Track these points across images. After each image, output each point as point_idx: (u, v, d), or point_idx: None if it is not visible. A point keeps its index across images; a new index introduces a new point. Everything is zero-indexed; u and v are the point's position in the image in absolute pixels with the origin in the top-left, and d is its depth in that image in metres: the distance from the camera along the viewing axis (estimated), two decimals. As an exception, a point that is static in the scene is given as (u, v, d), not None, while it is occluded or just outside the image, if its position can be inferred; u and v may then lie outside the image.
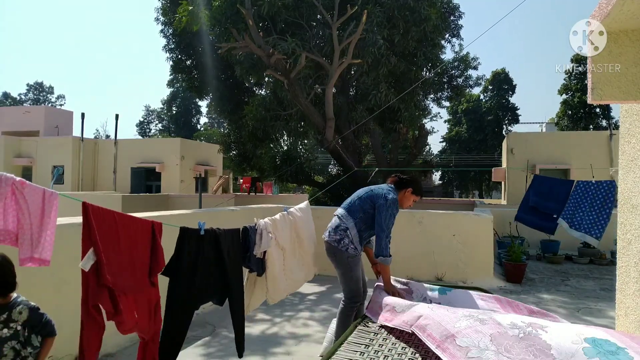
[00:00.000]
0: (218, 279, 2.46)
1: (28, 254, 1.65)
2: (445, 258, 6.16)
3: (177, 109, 48.26)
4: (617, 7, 1.96)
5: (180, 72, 13.48)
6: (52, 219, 1.71)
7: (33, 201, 1.66)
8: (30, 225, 1.65)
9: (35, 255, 1.67)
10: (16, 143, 21.55)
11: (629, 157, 3.30)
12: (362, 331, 2.40)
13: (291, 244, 3.01)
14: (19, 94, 50.95)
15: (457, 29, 13.66)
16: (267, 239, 2.63)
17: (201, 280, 2.36)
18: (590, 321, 4.42)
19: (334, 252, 3.07)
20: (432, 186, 39.93)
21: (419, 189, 3.18)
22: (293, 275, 3.05)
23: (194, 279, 2.32)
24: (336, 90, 10.85)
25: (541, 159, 15.99)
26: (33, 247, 1.66)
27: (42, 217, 1.68)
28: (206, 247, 2.38)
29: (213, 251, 2.42)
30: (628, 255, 3.23)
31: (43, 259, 1.69)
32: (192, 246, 2.31)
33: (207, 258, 2.39)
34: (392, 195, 3.02)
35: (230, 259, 2.52)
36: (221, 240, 2.45)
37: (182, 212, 5.02)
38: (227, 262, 2.47)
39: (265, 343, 3.77)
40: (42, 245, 1.68)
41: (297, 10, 9.62)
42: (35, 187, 1.66)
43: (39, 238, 1.67)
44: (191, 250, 2.30)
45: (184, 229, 2.30)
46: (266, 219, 2.75)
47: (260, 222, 2.70)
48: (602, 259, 7.51)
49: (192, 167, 21.08)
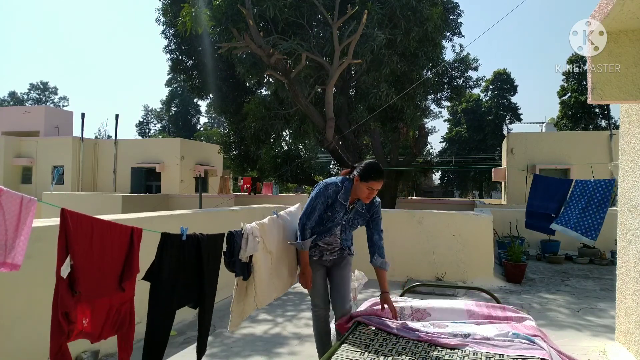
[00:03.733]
0: (197, 283, 2.48)
1: (1, 259, 1.65)
2: (445, 258, 6.16)
3: (176, 109, 48.27)
4: (617, 7, 1.96)
5: (179, 73, 13.48)
6: (28, 225, 1.72)
7: (10, 208, 1.66)
8: (5, 232, 1.65)
9: (7, 261, 1.67)
10: (16, 143, 21.55)
11: (629, 157, 3.30)
12: (362, 331, 2.41)
13: (280, 247, 2.99)
14: (21, 93, 51.02)
15: (457, 27, 13.67)
16: (253, 244, 2.62)
17: (182, 284, 2.38)
18: (590, 321, 4.42)
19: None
20: (432, 186, 39.91)
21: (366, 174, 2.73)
22: (282, 278, 3.03)
23: (175, 283, 2.33)
24: (336, 90, 10.84)
25: (541, 159, 15.99)
26: (7, 252, 1.66)
27: (17, 223, 1.68)
28: (187, 253, 2.40)
29: (194, 256, 2.44)
30: (628, 255, 3.23)
31: (14, 264, 1.69)
32: (173, 252, 2.32)
33: (187, 263, 2.41)
34: (327, 179, 2.86)
35: (210, 263, 2.54)
36: (202, 246, 2.47)
37: (182, 212, 5.02)
38: (204, 267, 2.49)
39: (269, 343, 3.77)
40: (15, 251, 1.68)
41: (297, 10, 9.63)
42: (13, 194, 1.67)
43: (13, 244, 1.67)
44: (172, 256, 2.32)
45: (165, 235, 2.31)
46: (253, 223, 2.74)
47: (246, 226, 2.69)
48: (602, 259, 7.51)
49: (192, 167, 21.09)
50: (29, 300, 2.79)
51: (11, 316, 2.68)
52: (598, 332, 4.08)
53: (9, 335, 2.65)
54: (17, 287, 2.72)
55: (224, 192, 18.67)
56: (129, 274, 2.14)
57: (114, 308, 2.11)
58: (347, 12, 8.30)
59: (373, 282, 3.08)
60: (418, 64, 10.43)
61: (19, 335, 2.72)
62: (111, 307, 2.09)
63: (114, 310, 2.11)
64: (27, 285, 2.77)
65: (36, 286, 2.83)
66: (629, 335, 3.11)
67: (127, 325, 2.18)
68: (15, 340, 2.69)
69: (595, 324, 4.35)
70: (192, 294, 2.48)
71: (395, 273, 6.20)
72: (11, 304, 2.69)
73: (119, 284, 2.10)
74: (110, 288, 2.06)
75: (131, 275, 2.15)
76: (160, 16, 12.51)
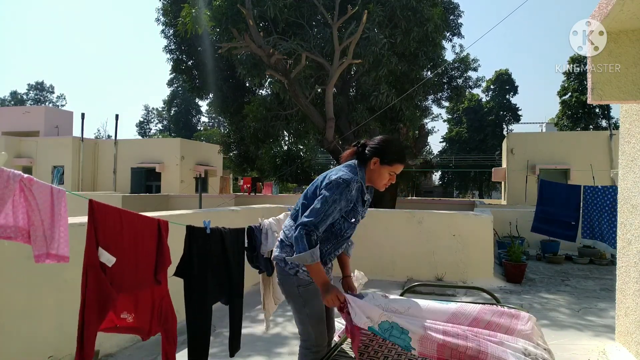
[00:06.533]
0: (225, 278, 2.47)
1: (43, 250, 1.64)
2: (445, 258, 6.16)
3: (177, 108, 48.29)
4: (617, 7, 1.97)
5: (180, 73, 13.48)
6: (63, 215, 1.71)
7: (42, 198, 1.65)
8: (42, 222, 1.64)
9: (51, 252, 1.66)
10: (16, 143, 21.55)
11: (629, 157, 3.30)
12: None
13: None
14: (20, 93, 51.01)
15: (458, 28, 13.67)
16: (273, 238, 2.63)
17: (212, 280, 2.36)
18: (590, 321, 4.42)
19: (280, 276, 2.15)
20: (432, 186, 39.93)
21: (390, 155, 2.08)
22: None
23: (206, 277, 2.31)
24: (336, 91, 10.84)
25: (541, 159, 16.00)
26: (48, 243, 1.65)
27: (52, 213, 1.68)
28: (213, 246, 2.38)
29: (220, 250, 2.43)
30: (628, 255, 3.23)
31: (61, 255, 1.68)
32: (199, 245, 2.30)
33: (215, 257, 2.39)
34: (343, 174, 2.01)
35: (234, 258, 2.53)
36: (226, 240, 2.46)
37: (183, 212, 5.02)
38: (231, 262, 2.48)
39: (269, 343, 3.77)
40: (57, 241, 1.67)
41: (298, 10, 9.63)
42: (42, 184, 1.67)
43: (52, 234, 1.67)
44: (199, 249, 2.30)
45: (190, 228, 2.29)
46: (270, 218, 2.76)
47: (264, 221, 2.71)
48: (602, 259, 7.52)
49: (192, 167, 21.09)
50: (29, 300, 2.79)
51: (11, 316, 2.68)
52: (598, 332, 4.08)
53: (9, 335, 2.66)
54: (17, 287, 2.72)
55: (224, 192, 18.68)
56: (162, 266, 2.12)
57: (157, 303, 2.10)
58: (347, 12, 8.30)
59: (373, 282, 3.07)
60: (418, 64, 10.44)
61: (19, 335, 2.72)
62: (154, 303, 2.08)
63: (157, 305, 2.10)
64: (27, 285, 2.77)
65: (36, 286, 2.83)
66: (629, 335, 3.11)
67: (170, 320, 2.18)
68: (15, 340, 2.69)
69: (596, 324, 4.35)
70: (223, 289, 2.48)
71: (395, 273, 6.21)
72: (11, 304, 2.69)
73: (155, 276, 2.09)
74: (146, 280, 2.05)
75: (164, 266, 2.13)
76: (160, 16, 12.52)
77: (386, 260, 6.25)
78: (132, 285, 1.97)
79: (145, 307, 2.04)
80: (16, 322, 2.71)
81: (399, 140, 1.97)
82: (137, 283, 1.99)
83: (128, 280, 1.94)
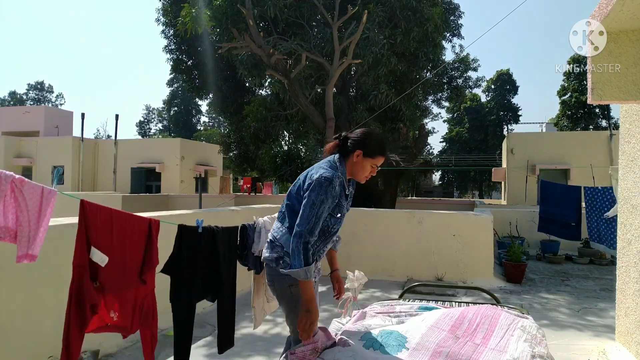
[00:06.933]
0: (214, 276, 2.49)
1: (24, 250, 1.67)
2: (445, 258, 6.16)
3: (177, 108, 48.29)
4: (617, 7, 1.96)
5: (180, 73, 13.49)
6: (47, 216, 1.73)
7: (31, 199, 1.67)
8: (29, 222, 1.67)
9: (29, 252, 1.69)
10: (16, 143, 21.56)
11: (629, 157, 3.30)
12: None
13: None
14: (19, 93, 51.02)
15: (458, 28, 13.68)
16: (265, 237, 2.63)
17: (200, 278, 2.40)
18: (590, 321, 4.42)
19: (271, 277, 2.12)
20: (432, 186, 39.92)
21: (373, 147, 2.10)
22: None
23: (194, 276, 2.35)
24: (336, 91, 10.85)
25: (541, 159, 16.00)
26: (29, 244, 1.68)
27: (39, 214, 1.70)
28: (204, 245, 2.40)
29: (210, 248, 2.45)
30: (628, 255, 3.23)
31: (33, 255, 1.71)
32: (190, 243, 2.33)
33: (204, 255, 2.41)
34: (324, 172, 2.01)
35: (225, 256, 2.55)
36: (218, 238, 2.48)
37: (182, 212, 5.02)
38: (221, 260, 2.50)
39: (269, 343, 3.77)
40: (36, 242, 1.71)
41: (298, 10, 9.63)
42: (34, 185, 1.68)
43: (35, 235, 1.70)
44: (190, 248, 2.33)
45: (182, 227, 2.32)
46: (265, 217, 2.76)
47: (259, 220, 2.71)
48: (602, 259, 7.51)
49: (192, 167, 21.09)
50: (29, 300, 2.79)
51: (11, 316, 2.68)
52: (598, 332, 4.08)
53: (9, 335, 2.65)
54: (17, 287, 2.72)
55: (224, 192, 18.68)
56: (149, 266, 2.15)
57: (139, 301, 2.12)
58: (347, 12, 8.30)
59: (372, 282, 3.07)
60: (418, 64, 10.44)
61: (19, 335, 2.72)
62: (136, 301, 2.11)
63: (139, 303, 2.12)
64: (27, 285, 2.77)
65: (36, 286, 2.83)
66: (629, 335, 3.11)
67: (151, 318, 2.20)
68: (15, 340, 2.69)
69: (596, 324, 4.35)
70: (210, 287, 2.50)
71: (395, 273, 6.20)
72: (11, 304, 2.69)
73: (140, 276, 2.11)
74: (132, 280, 2.07)
75: (151, 267, 2.16)
76: (160, 16, 12.53)
77: (386, 260, 6.25)
78: (121, 285, 1.99)
79: (127, 305, 2.05)
80: (16, 322, 2.71)
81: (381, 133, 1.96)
82: (122, 283, 2.02)
83: (117, 279, 1.96)
